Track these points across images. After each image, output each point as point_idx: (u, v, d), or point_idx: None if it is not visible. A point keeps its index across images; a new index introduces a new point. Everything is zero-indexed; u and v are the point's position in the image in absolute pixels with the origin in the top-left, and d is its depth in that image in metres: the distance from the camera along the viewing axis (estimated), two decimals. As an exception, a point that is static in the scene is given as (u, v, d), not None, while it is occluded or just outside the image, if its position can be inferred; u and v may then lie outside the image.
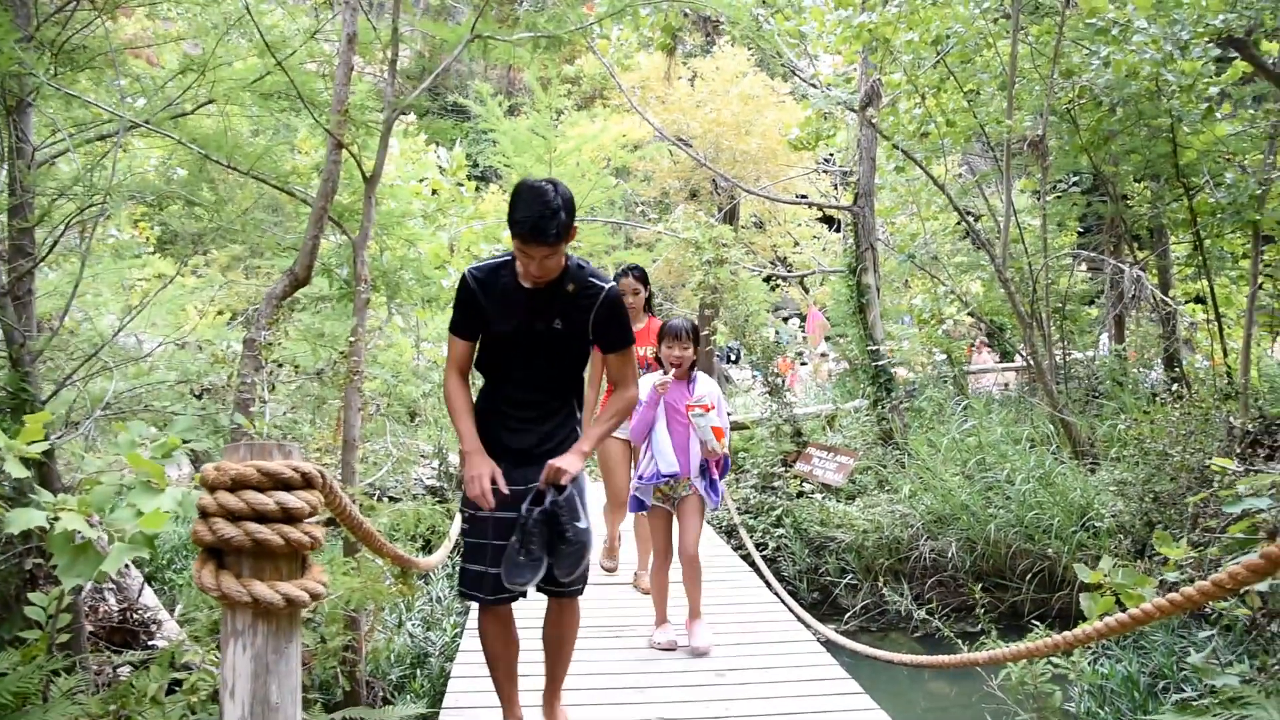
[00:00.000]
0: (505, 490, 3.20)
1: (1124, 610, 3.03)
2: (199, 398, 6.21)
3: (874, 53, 9.72)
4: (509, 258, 3.26)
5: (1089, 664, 5.11)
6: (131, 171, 5.38)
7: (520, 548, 3.10)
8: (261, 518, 1.85)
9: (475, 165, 15.68)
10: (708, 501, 4.89)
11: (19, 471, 2.57)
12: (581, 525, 3.15)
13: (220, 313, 12.63)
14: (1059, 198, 11.61)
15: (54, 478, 4.03)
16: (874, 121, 10.12)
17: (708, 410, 4.70)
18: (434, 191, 10.68)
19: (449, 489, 8.78)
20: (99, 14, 4.27)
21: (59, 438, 4.49)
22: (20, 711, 2.78)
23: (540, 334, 3.26)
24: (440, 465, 9.17)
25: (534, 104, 12.96)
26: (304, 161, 6.79)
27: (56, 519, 2.57)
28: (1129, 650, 5.80)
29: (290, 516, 1.87)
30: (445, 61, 4.14)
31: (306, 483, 1.92)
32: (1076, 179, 11.61)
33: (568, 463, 3.14)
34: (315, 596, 1.91)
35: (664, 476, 4.74)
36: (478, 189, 11.67)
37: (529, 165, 11.74)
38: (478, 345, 3.37)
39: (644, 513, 5.04)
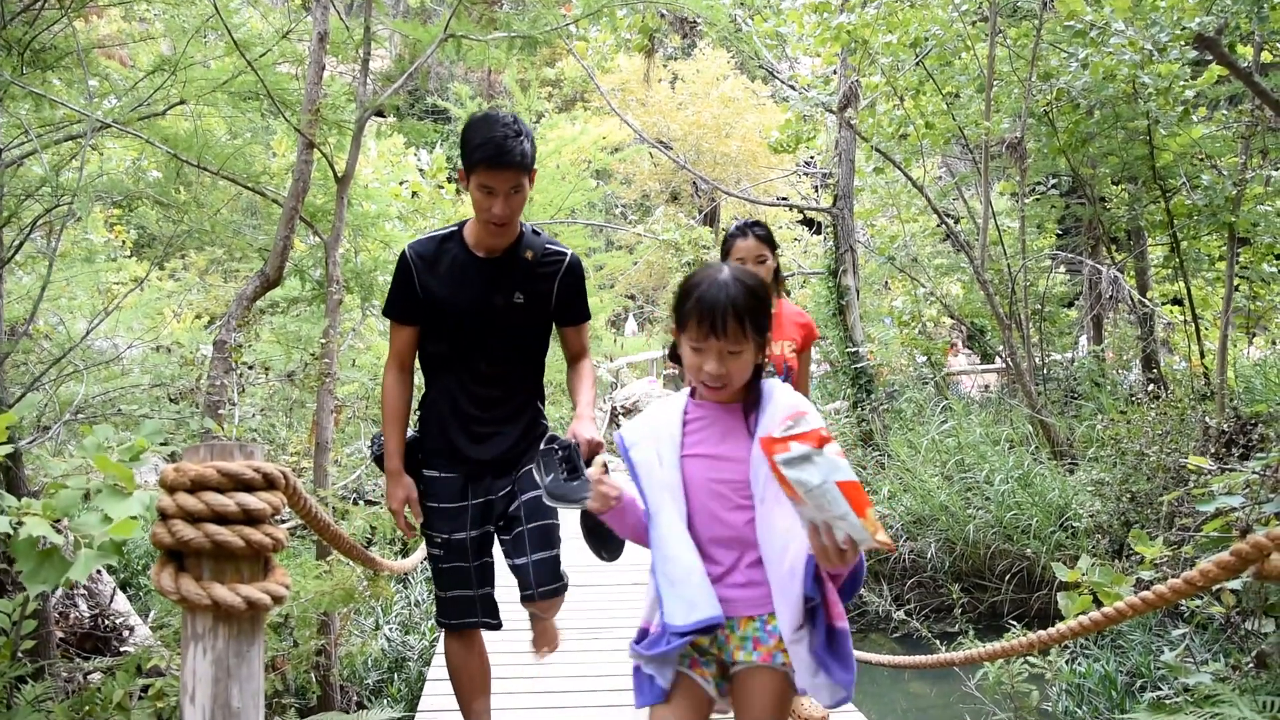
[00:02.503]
0: (416, 522, 3.00)
1: (1101, 609, 3.04)
2: (175, 402, 6.15)
3: (853, 54, 9.74)
4: (455, 228, 2.99)
5: (1066, 663, 5.12)
6: (104, 172, 5.33)
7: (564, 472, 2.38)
8: (222, 519, 1.82)
9: (455, 168, 15.63)
10: (812, 684, 2.07)
11: (-20, 474, 2.52)
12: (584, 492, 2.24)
13: (198, 316, 12.56)
14: (1037, 200, 11.67)
15: (21, 483, 3.98)
16: (853, 123, 10.14)
17: (826, 441, 1.86)
18: (414, 194, 10.64)
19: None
20: (65, 14, 4.22)
21: (29, 442, 4.43)
22: (-17, 719, 2.74)
23: (499, 310, 2.90)
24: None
25: (513, 106, 12.93)
26: (279, 163, 6.74)
27: (20, 524, 2.53)
28: (1107, 650, 5.82)
29: (251, 518, 1.84)
30: (418, 61, 4.12)
31: (268, 484, 1.89)
32: (1055, 181, 11.67)
33: (589, 430, 2.75)
34: (278, 599, 1.88)
35: (690, 632, 2.07)
36: (458, 191, 11.63)
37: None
38: (420, 337, 3.02)
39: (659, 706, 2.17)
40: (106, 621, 4.66)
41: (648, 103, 17.91)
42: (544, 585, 2.96)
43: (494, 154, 2.70)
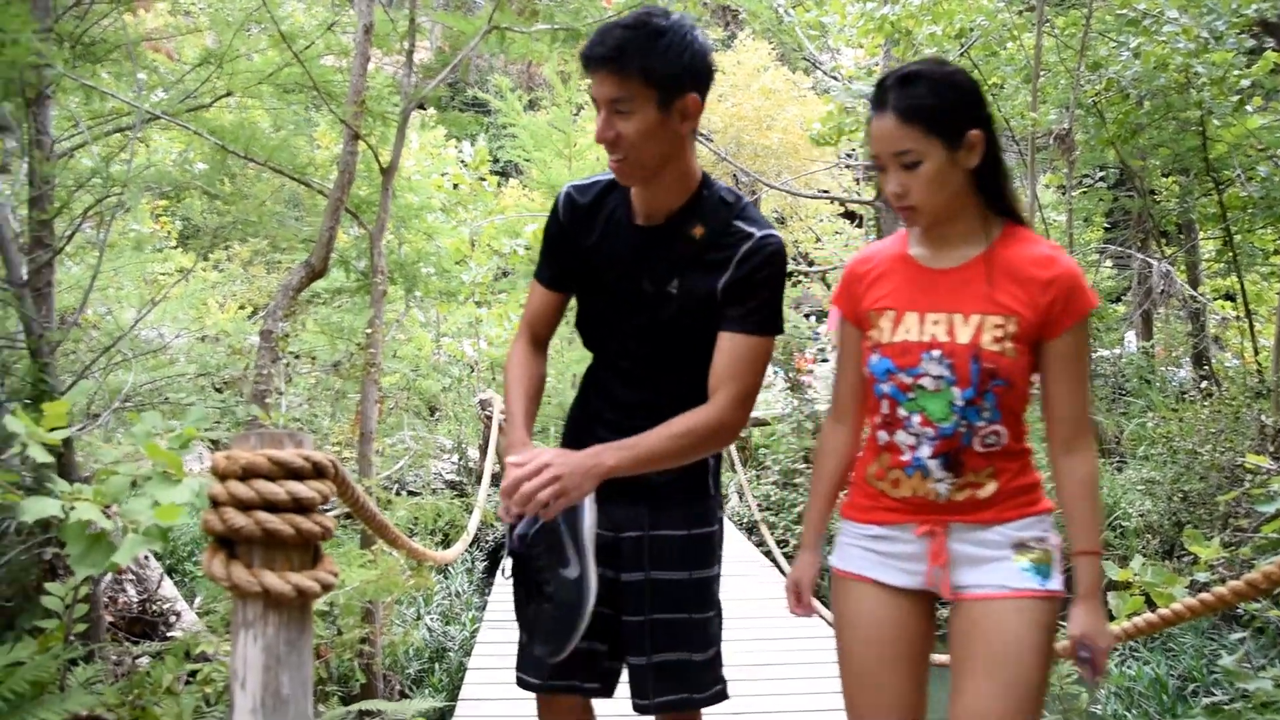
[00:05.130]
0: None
1: (1153, 610, 2.97)
2: (220, 391, 6.22)
3: (896, 46, 9.62)
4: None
5: (1115, 666, 5.04)
6: (151, 164, 5.39)
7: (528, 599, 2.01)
8: (272, 507, 1.81)
9: (495, 160, 15.70)
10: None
11: (43, 456, 2.55)
12: (569, 574, 1.92)
13: (241, 307, 12.70)
14: (1085, 192, 11.48)
15: (72, 469, 4.03)
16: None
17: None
18: (455, 186, 10.67)
19: (469, 484, 8.76)
20: (116, 7, 4.26)
21: (80, 429, 4.49)
22: (38, 700, 2.77)
23: (649, 300, 2.07)
24: (460, 460, 9.16)
25: (554, 99, 12.94)
26: (321, 155, 6.79)
27: (71, 509, 2.56)
28: (1157, 652, 5.71)
29: (301, 506, 1.83)
30: (462, 53, 4.11)
31: (318, 472, 1.89)
32: (1103, 173, 11.47)
33: (560, 462, 1.80)
34: (327, 587, 1.88)
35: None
36: (499, 184, 11.65)
37: (549, 160, 11.72)
38: (571, 305, 2.28)
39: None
40: (154, 607, 4.72)
41: (688, 95, 17.85)
42: (664, 695, 2.17)
43: (586, 47, 1.93)
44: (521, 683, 2.25)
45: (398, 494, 6.25)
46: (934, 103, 1.84)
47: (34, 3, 4.36)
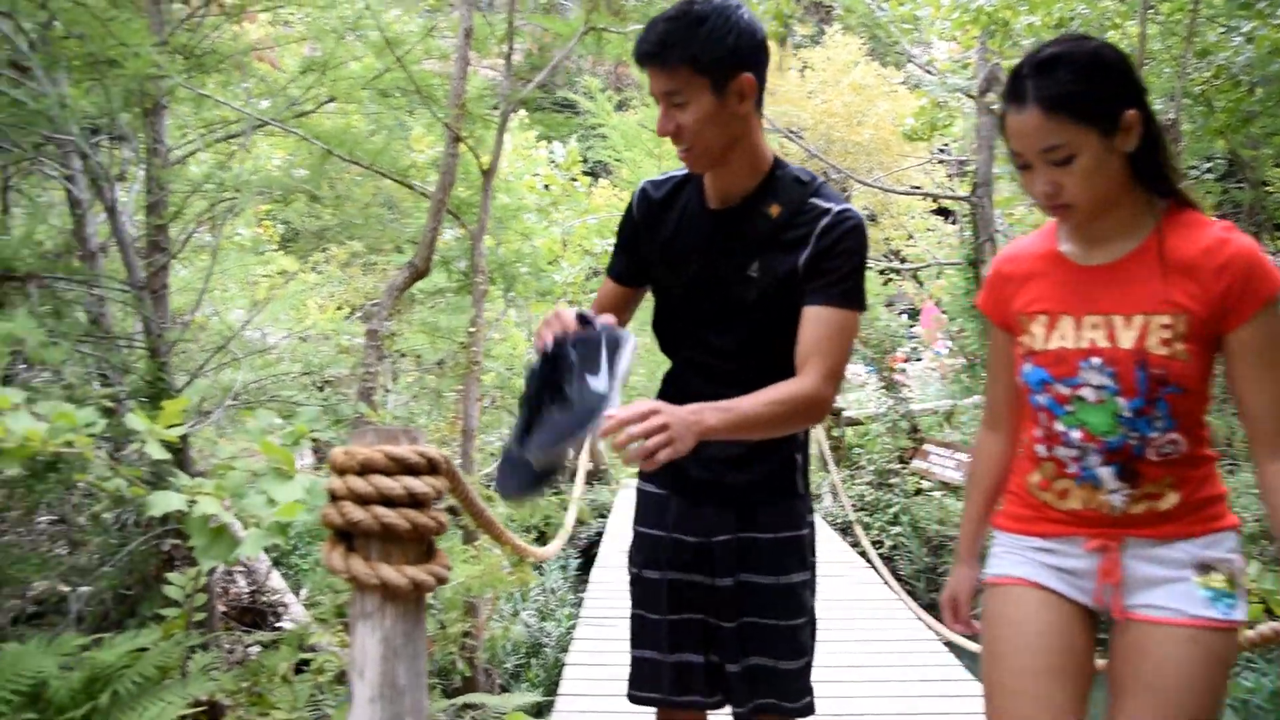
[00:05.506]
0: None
1: (1274, 619, 2.85)
2: (320, 389, 6.40)
3: (992, 38, 9.41)
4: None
5: (1233, 676, 4.85)
6: (257, 170, 5.57)
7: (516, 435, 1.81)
8: (389, 502, 1.86)
9: (585, 160, 15.85)
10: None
11: (159, 453, 2.66)
12: (597, 384, 1.75)
13: (339, 307, 13.03)
14: (1193, 184, 11.08)
15: (188, 464, 4.20)
16: (993, 109, 9.81)
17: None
18: (546, 186, 10.80)
19: (562, 480, 8.84)
20: (227, 18, 4.41)
21: (193, 426, 4.67)
22: (161, 684, 2.89)
23: (729, 285, 2.01)
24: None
25: (643, 98, 12.98)
26: (419, 158, 6.93)
27: (194, 503, 2.67)
28: (1277, 664, 5.48)
29: (416, 501, 1.88)
30: (560, 54, 4.16)
31: (432, 468, 1.93)
32: (1210, 164, 11.04)
33: (668, 410, 1.67)
34: (441, 581, 1.92)
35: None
36: (590, 184, 11.75)
37: (639, 159, 11.77)
38: (647, 301, 2.23)
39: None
40: (263, 598, 4.89)
41: (776, 92, 17.74)
42: (756, 699, 2.11)
43: (635, 47, 1.91)
44: (637, 699, 2.21)
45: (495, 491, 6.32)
46: (1081, 88, 1.62)
47: (151, 17, 4.56)
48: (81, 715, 2.75)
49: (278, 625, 4.76)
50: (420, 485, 1.87)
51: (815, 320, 1.93)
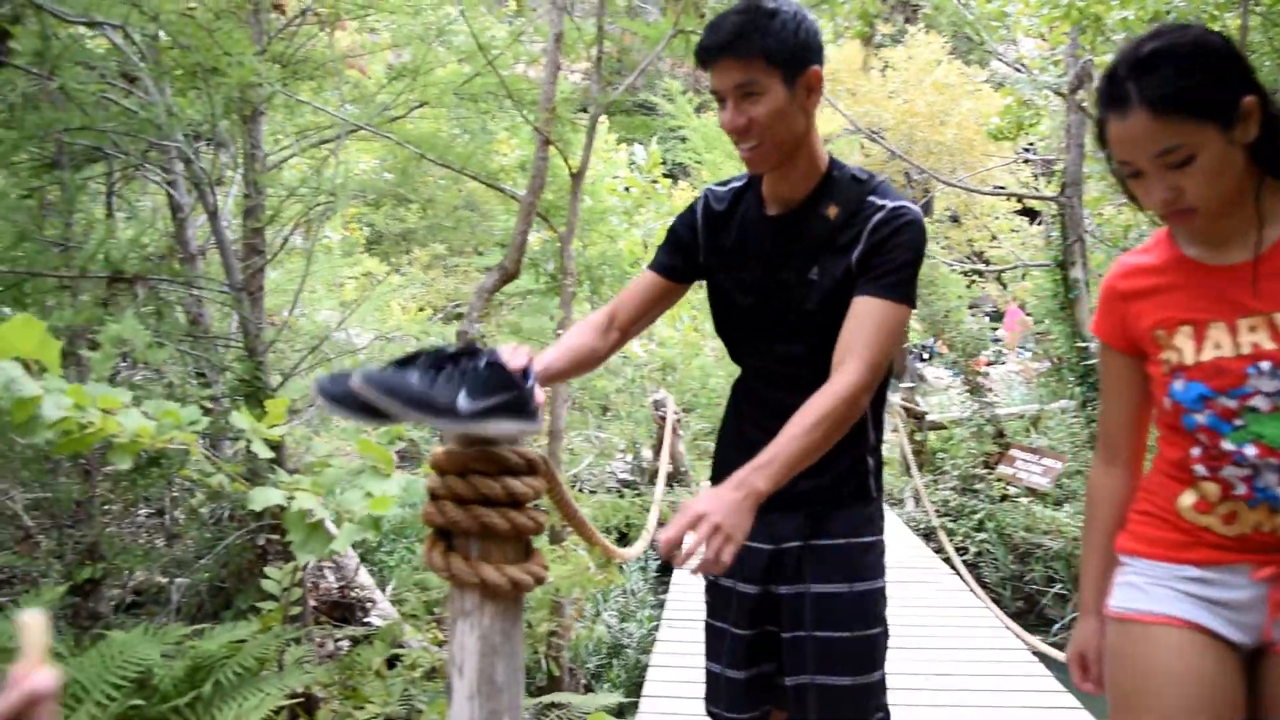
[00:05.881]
0: None
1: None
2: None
3: (1084, 33, 9.18)
4: (755, 176, 2.07)
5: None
6: (347, 175, 5.71)
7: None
8: (488, 502, 1.88)
9: (664, 162, 15.89)
10: None
11: (264, 452, 2.74)
12: (459, 401, 1.65)
13: (421, 309, 13.26)
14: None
15: (283, 461, 4.31)
16: (1084, 106, 9.57)
17: None
18: (627, 189, 10.86)
19: (641, 482, 8.88)
20: (324, 27, 4.53)
21: (288, 425, 4.80)
22: (259, 675, 2.97)
23: (792, 291, 1.99)
24: (634, 459, 9.29)
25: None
26: (503, 161, 7.03)
27: (292, 498, 2.74)
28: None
29: (515, 501, 1.90)
30: (648, 58, 4.18)
31: (530, 469, 1.95)
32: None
33: (713, 506, 1.62)
34: (538, 580, 1.93)
35: None
36: (671, 186, 11.77)
37: (719, 161, 11.74)
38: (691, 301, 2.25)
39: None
40: (352, 593, 4.99)
41: (857, 92, 17.56)
42: (825, 717, 2.04)
43: (701, 40, 1.87)
44: (714, 715, 2.19)
45: (578, 491, 6.38)
46: (1191, 81, 1.48)
47: (251, 27, 4.70)
48: (185, 703, 2.84)
49: (366, 620, 4.86)
50: (519, 486, 1.89)
51: (860, 311, 1.87)
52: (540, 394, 1.75)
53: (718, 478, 2.21)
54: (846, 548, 2.07)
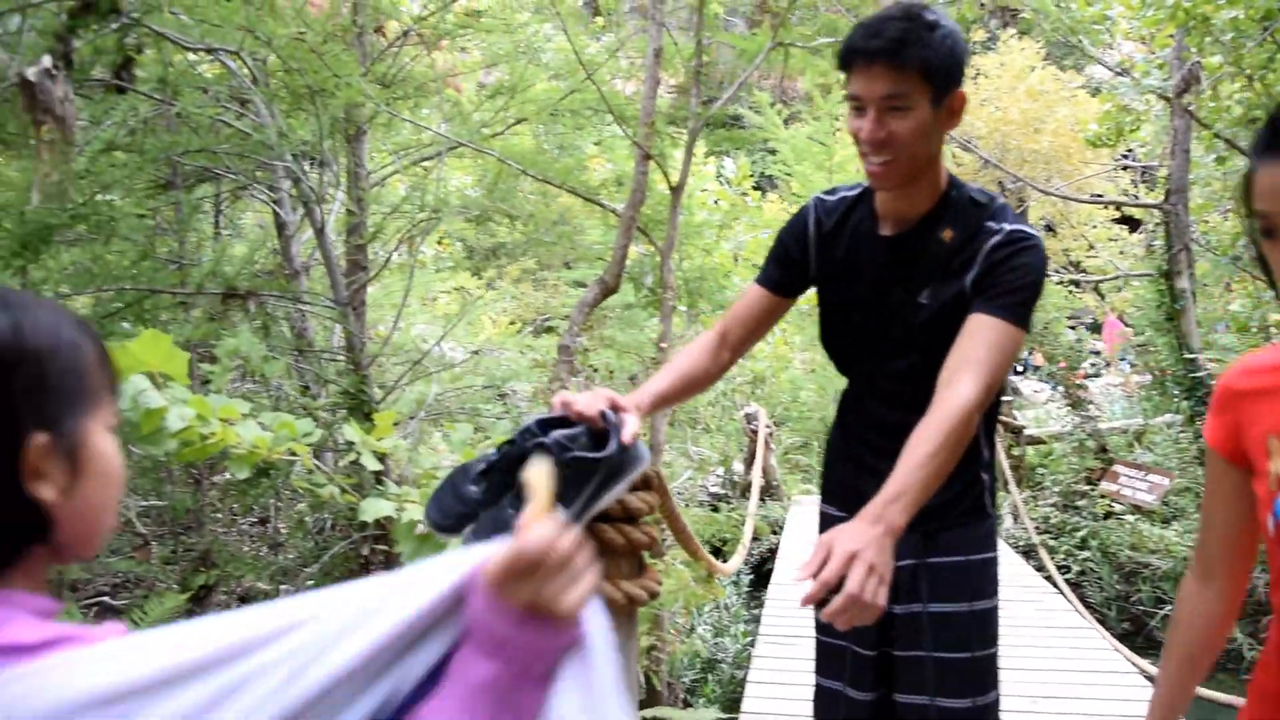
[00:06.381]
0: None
1: None
2: (503, 399, 6.60)
3: (1189, 34, 8.88)
4: (866, 188, 2.00)
5: None
6: (444, 191, 5.82)
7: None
8: (604, 516, 1.89)
9: (752, 175, 15.85)
10: None
11: (373, 464, 2.80)
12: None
13: (511, 322, 13.45)
14: None
15: (388, 472, 4.39)
16: (1190, 109, 9.25)
17: None
18: (716, 201, 10.86)
19: (732, 497, 8.83)
20: (425, 48, 4.63)
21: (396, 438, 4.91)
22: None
23: (901, 312, 1.94)
24: (725, 473, 9.26)
25: (811, 111, 12.87)
26: (595, 175, 7.09)
27: (402, 510, 2.79)
28: None
29: (630, 516, 1.90)
30: (747, 71, 4.17)
31: (645, 483, 1.95)
32: None
33: (861, 543, 1.51)
34: (653, 596, 1.93)
35: None
36: (761, 199, 11.74)
37: (809, 173, 11.67)
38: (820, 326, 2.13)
39: None
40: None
41: (948, 100, 17.29)
42: None
43: (860, 37, 1.75)
44: None
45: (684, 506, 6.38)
46: None
47: (355, 49, 4.83)
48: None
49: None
50: (634, 501, 1.90)
51: (974, 329, 1.78)
52: (635, 424, 1.69)
53: (829, 494, 2.21)
54: (964, 566, 2.02)
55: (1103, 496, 8.84)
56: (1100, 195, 17.56)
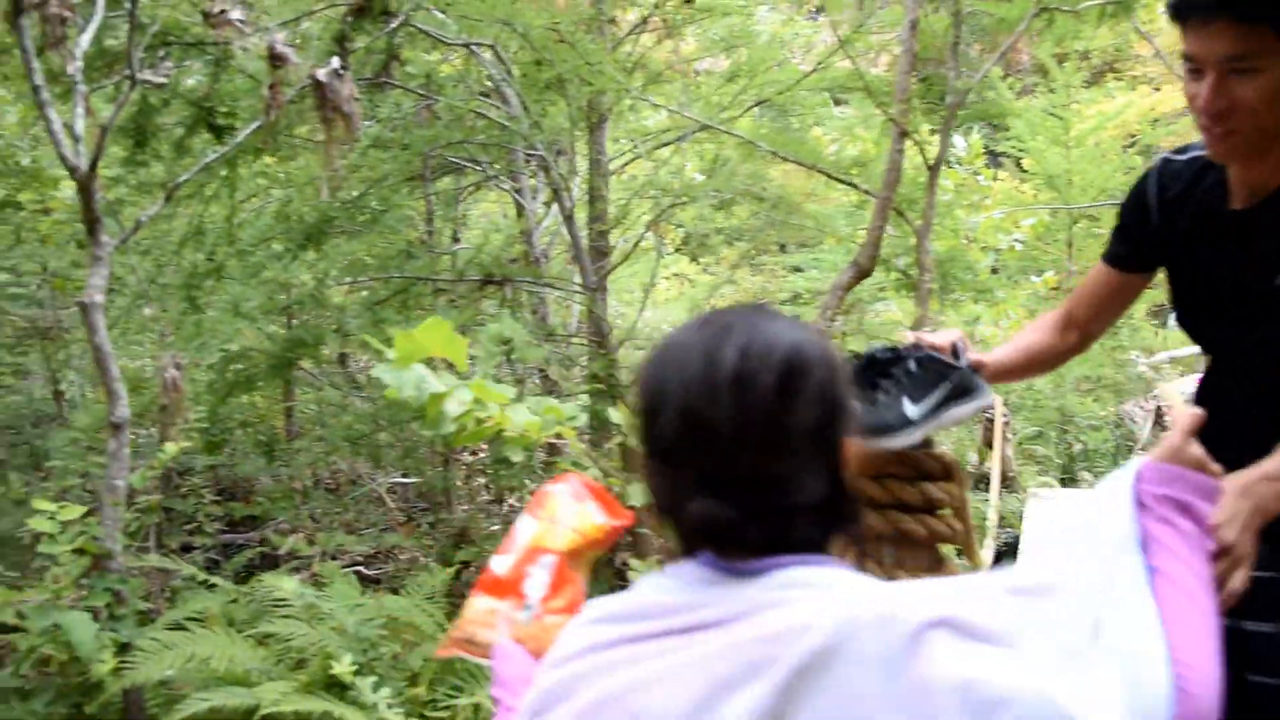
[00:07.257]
0: None
1: None
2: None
3: None
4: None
5: None
6: (679, 175, 5.85)
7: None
8: (905, 507, 1.82)
9: (985, 151, 15.18)
10: None
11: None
12: (906, 410, 1.62)
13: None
14: None
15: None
16: None
17: None
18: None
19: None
20: (669, 34, 4.65)
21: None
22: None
23: (1256, 298, 1.68)
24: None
25: (1046, 83, 12.14)
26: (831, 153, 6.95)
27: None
28: None
29: (931, 506, 1.83)
30: (1010, 39, 3.95)
31: (946, 473, 1.86)
32: None
33: (1220, 512, 1.26)
34: (953, 590, 1.84)
35: None
36: (994, 177, 11.22)
37: (1043, 148, 11.02)
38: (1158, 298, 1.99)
39: None
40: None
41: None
42: None
43: None
44: None
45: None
46: None
47: (599, 37, 4.91)
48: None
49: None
50: (936, 492, 1.82)
51: None
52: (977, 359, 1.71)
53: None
54: None
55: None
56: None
